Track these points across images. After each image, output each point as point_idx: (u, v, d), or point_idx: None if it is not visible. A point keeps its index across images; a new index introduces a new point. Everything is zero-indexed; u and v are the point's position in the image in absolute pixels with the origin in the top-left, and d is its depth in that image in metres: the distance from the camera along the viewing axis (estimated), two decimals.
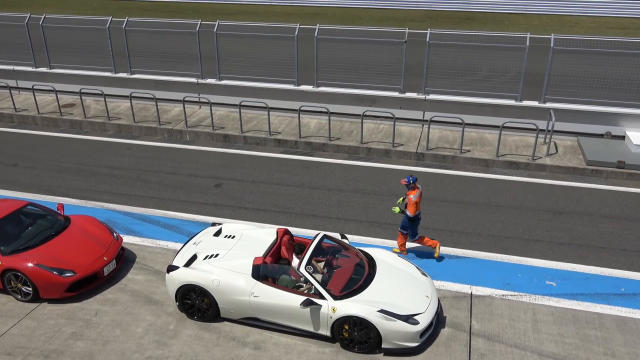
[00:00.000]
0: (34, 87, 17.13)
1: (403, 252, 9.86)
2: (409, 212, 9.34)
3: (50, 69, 18.48)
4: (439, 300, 8.28)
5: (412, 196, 9.27)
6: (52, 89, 17.14)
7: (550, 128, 13.89)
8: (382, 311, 7.46)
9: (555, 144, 14.43)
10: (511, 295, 8.91)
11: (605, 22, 34.98)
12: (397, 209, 9.48)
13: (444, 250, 10.21)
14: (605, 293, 8.99)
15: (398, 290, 8.00)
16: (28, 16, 18.29)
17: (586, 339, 7.97)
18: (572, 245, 10.42)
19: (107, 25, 17.20)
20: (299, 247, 8.78)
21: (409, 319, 7.52)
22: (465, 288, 9.09)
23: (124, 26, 17.08)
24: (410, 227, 9.58)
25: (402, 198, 9.58)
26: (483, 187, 12.71)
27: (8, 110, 17.39)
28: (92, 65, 18.06)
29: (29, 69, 18.63)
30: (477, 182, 12.98)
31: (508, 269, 9.64)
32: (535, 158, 13.59)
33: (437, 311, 7.97)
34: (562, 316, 8.44)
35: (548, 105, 14.51)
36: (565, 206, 11.82)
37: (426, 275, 8.59)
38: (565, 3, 38.50)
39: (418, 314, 7.64)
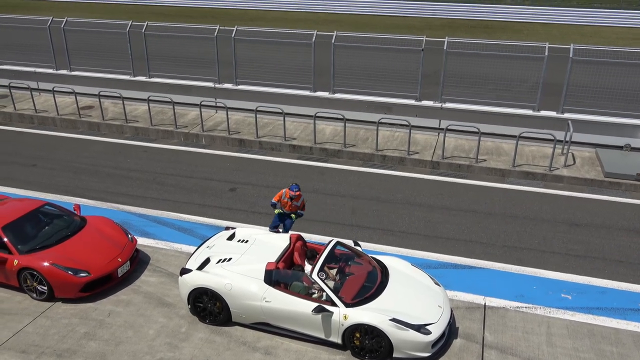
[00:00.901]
0: (54, 89, 17.41)
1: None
2: (303, 211, 10.09)
3: (71, 71, 18.76)
4: (451, 311, 8.20)
5: (302, 198, 9.98)
6: (71, 91, 17.39)
7: (568, 139, 13.75)
8: (394, 320, 7.41)
9: (572, 155, 14.26)
10: (525, 308, 8.79)
11: (625, 32, 34.59)
12: (293, 216, 9.97)
13: (458, 259, 10.13)
14: (622, 308, 8.84)
15: (410, 299, 7.94)
16: (50, 19, 18.61)
17: (602, 354, 7.83)
18: (589, 258, 10.27)
19: (127, 30, 17.42)
20: (311, 252, 8.78)
21: (421, 328, 7.45)
22: (478, 299, 8.99)
23: (143, 30, 17.29)
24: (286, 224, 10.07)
25: (279, 205, 9.98)
26: (499, 197, 12.60)
27: (29, 112, 17.68)
28: (112, 69, 18.31)
29: (50, 71, 18.94)
30: (493, 191, 12.87)
31: (523, 281, 9.53)
32: (552, 169, 13.44)
33: (449, 321, 7.90)
34: (577, 330, 8.30)
35: (566, 115, 14.35)
36: (582, 218, 11.67)
37: (439, 285, 8.52)
38: (585, 13, 38.20)
39: (430, 324, 7.57)
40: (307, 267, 8.54)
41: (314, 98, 16.25)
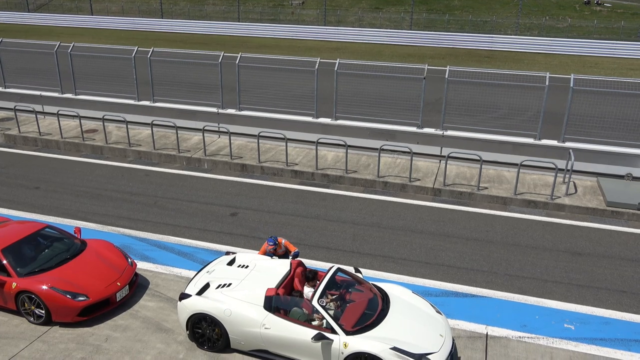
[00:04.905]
0: (59, 112, 17.56)
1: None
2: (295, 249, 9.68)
3: (76, 95, 18.95)
4: (453, 340, 8.09)
5: (282, 242, 9.59)
6: (76, 114, 17.55)
7: (569, 168, 13.77)
8: (394, 349, 7.31)
9: (574, 183, 14.26)
10: (528, 338, 8.68)
11: (626, 63, 34.98)
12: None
13: (459, 287, 10.04)
14: (626, 339, 8.72)
15: (412, 327, 7.85)
16: (57, 44, 18.89)
17: None
18: (592, 287, 10.17)
19: (133, 55, 17.66)
20: (311, 272, 8.67)
21: (422, 358, 7.34)
22: (480, 328, 8.89)
23: (149, 56, 17.52)
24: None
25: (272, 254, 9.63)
26: (500, 225, 12.56)
27: (33, 134, 17.81)
28: (116, 93, 18.51)
29: (55, 94, 19.13)
30: (494, 219, 12.83)
31: (525, 310, 9.42)
32: (554, 197, 13.43)
33: (451, 351, 7.78)
34: None
35: (567, 144, 14.40)
36: (584, 247, 11.60)
37: (441, 314, 8.43)
38: (585, 44, 38.73)
39: (432, 353, 7.46)
40: (306, 290, 8.47)
41: (316, 124, 16.36)
